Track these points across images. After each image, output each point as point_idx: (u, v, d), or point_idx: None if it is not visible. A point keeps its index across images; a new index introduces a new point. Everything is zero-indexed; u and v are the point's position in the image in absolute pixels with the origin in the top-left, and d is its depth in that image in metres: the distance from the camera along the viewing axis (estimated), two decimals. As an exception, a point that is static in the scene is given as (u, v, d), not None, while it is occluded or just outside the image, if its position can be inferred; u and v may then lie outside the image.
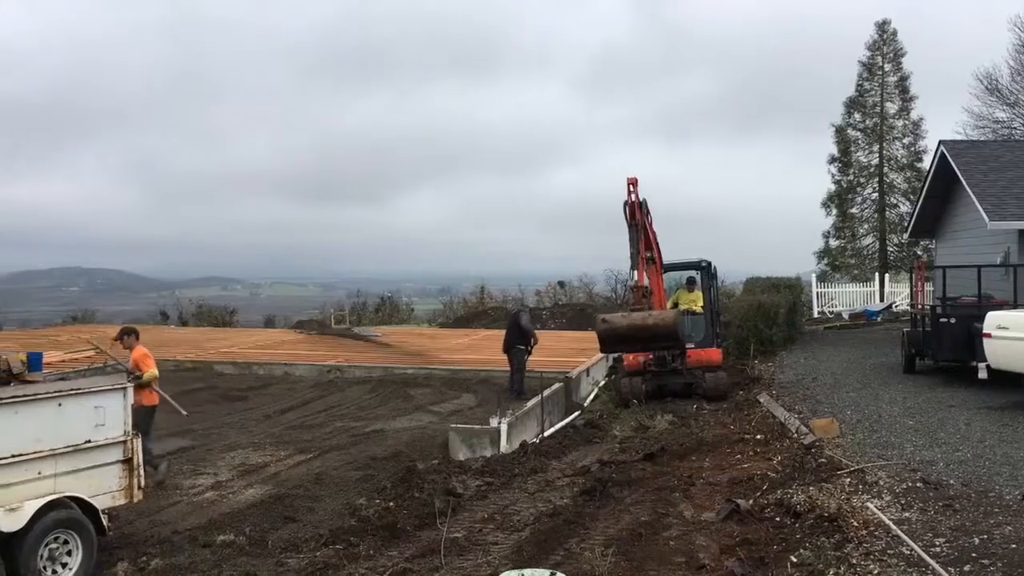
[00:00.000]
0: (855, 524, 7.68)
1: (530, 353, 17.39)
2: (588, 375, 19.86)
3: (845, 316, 32.19)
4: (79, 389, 8.19)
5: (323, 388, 18.86)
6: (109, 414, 8.26)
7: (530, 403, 15.42)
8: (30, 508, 7.37)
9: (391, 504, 9.55)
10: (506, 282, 54.03)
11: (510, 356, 17.35)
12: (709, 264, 18.25)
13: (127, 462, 8.42)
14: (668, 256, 17.13)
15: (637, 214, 15.36)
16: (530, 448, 12.69)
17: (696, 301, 18.43)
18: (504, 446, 13.29)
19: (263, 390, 18.73)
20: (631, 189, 15.39)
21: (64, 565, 7.65)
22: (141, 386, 10.67)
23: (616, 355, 19.29)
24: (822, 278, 37.03)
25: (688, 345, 16.79)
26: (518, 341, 17.33)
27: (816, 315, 33.75)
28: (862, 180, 39.28)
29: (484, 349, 23.97)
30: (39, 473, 7.65)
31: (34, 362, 17.48)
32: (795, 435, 12.01)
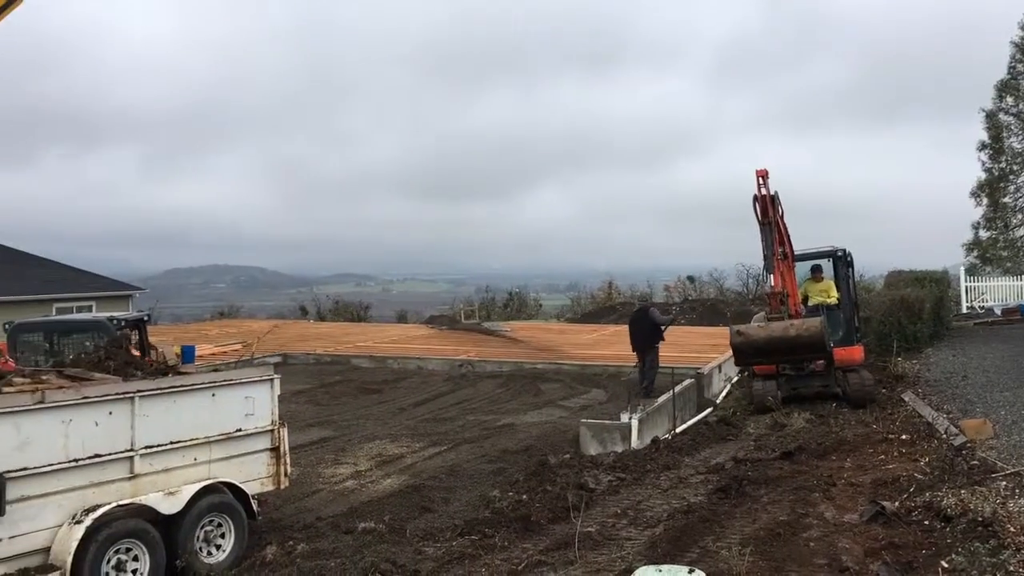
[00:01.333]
0: (1012, 530, 7.27)
1: (662, 338, 17.05)
2: (720, 371, 19.48)
3: (997, 312, 30.39)
4: (231, 380, 8.63)
5: (455, 382, 19.20)
6: (258, 404, 8.68)
7: (661, 399, 15.25)
8: (188, 492, 7.83)
9: (524, 497, 9.64)
10: (634, 277, 53.61)
11: (642, 354, 17.11)
12: (845, 252, 16.61)
13: (274, 450, 8.82)
14: (798, 249, 15.69)
15: (769, 210, 14.39)
16: (662, 444, 12.57)
17: (827, 292, 16.54)
18: (635, 442, 13.20)
19: (397, 383, 19.23)
20: (761, 182, 14.44)
21: (218, 547, 8.09)
22: None
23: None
24: (971, 271, 35.06)
25: None
26: (651, 338, 17.01)
27: (965, 310, 32.01)
28: (1015, 168, 36.93)
29: (613, 344, 23.86)
30: (195, 459, 8.11)
31: (187, 355, 18.61)
32: (944, 436, 11.44)
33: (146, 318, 13.21)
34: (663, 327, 17.16)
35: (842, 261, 16.70)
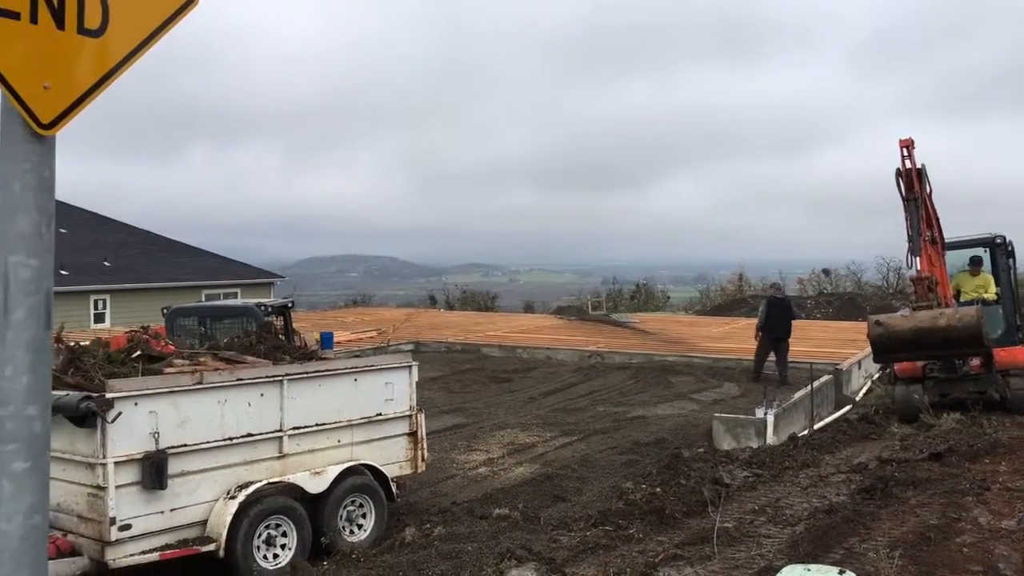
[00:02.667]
0: None
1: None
2: (860, 368, 18.76)
3: None
4: (372, 366, 8.90)
5: (584, 373, 19.20)
6: (397, 390, 8.92)
7: (797, 395, 14.82)
8: (332, 472, 8.12)
9: (657, 490, 9.55)
10: (766, 269, 52.25)
11: (776, 344, 16.76)
12: (1005, 240, 14.80)
13: (412, 435, 9.05)
14: (949, 238, 14.27)
15: (915, 184, 13.00)
16: (800, 441, 12.21)
17: (986, 287, 14.92)
18: (771, 437, 12.87)
19: (527, 373, 19.37)
20: (905, 153, 13.07)
21: (360, 527, 8.37)
22: None
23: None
24: None
25: None
26: (788, 330, 16.77)
27: None
28: None
29: (745, 338, 23.30)
30: (338, 441, 8.41)
31: (326, 341, 19.25)
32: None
33: (290, 305, 13.76)
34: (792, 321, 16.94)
35: (1002, 250, 14.91)
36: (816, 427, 13.79)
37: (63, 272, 27.64)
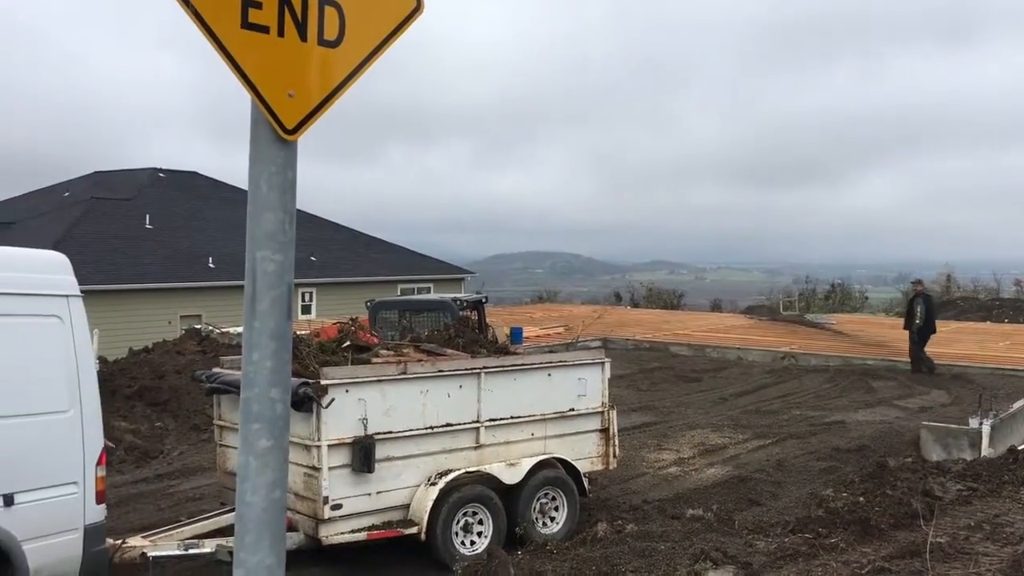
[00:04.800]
0: None
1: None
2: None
3: None
4: (565, 362, 8.99)
5: (777, 374, 18.58)
6: (590, 386, 8.96)
7: (1016, 404, 13.68)
8: (526, 464, 8.28)
9: (861, 499, 9.11)
10: (977, 270, 48.59)
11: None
12: None
13: (604, 431, 9.07)
14: None
15: None
16: (1021, 455, 11.27)
17: None
18: (986, 450, 11.95)
19: (717, 373, 18.97)
20: None
21: (552, 519, 8.49)
22: None
23: None
24: None
25: None
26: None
27: None
28: None
29: (956, 342, 21.82)
30: (532, 434, 8.56)
31: (516, 336, 19.62)
32: None
33: (484, 300, 14.12)
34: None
35: None
36: (1039, 440, 12.68)
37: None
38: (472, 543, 7.86)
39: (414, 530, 7.53)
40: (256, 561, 2.73)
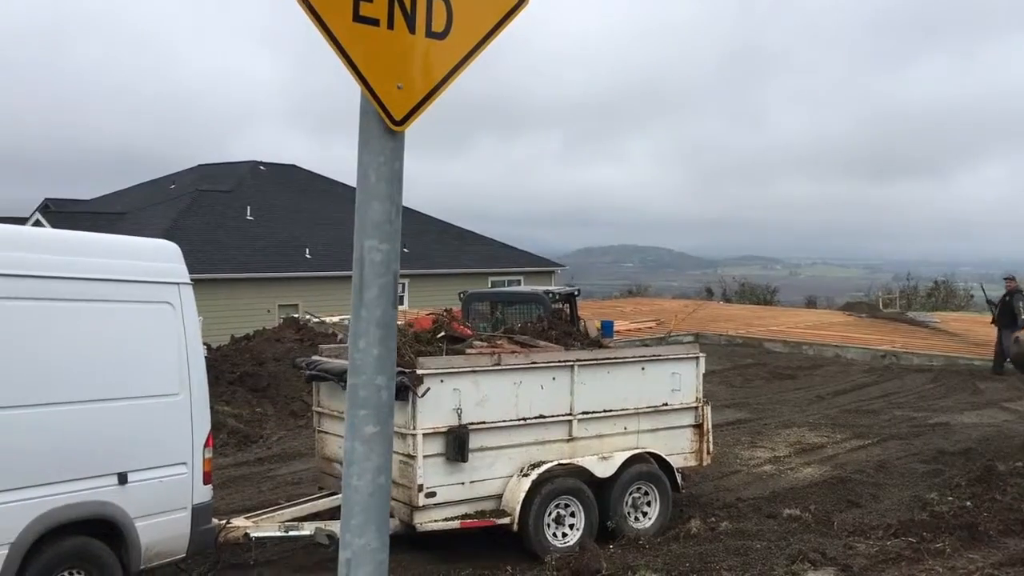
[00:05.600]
0: None
1: None
2: None
3: None
4: (659, 356, 8.91)
5: (877, 373, 18.03)
6: (684, 381, 8.85)
7: None
8: (619, 458, 8.24)
9: (968, 503, 8.77)
10: (1097, 267, 46.20)
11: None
12: None
13: (698, 427, 8.95)
14: None
15: None
16: None
17: None
18: (1104, 457, 11.36)
19: (813, 371, 18.52)
20: None
21: (644, 514, 8.42)
22: None
23: None
24: None
25: None
26: None
27: None
28: None
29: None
30: (625, 429, 8.51)
31: (607, 329, 19.54)
32: None
33: (576, 293, 14.10)
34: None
35: None
36: None
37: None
38: (564, 535, 7.87)
39: (506, 520, 7.58)
40: (362, 544, 2.78)
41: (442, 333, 8.90)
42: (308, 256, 29.82)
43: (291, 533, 7.40)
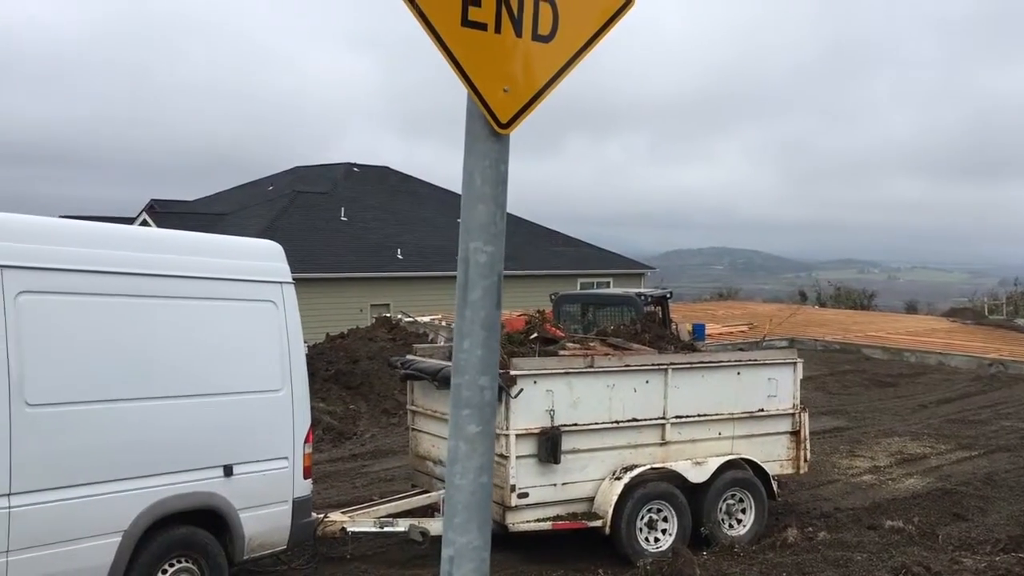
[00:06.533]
0: None
1: None
2: None
3: None
4: (756, 361, 8.74)
5: (984, 382, 17.32)
6: (781, 386, 8.66)
7: None
8: (713, 464, 8.12)
9: (1084, 521, 8.35)
10: None
11: None
12: None
13: (795, 434, 8.75)
14: None
15: None
16: None
17: None
18: None
19: (915, 378, 17.91)
20: None
21: (739, 521, 8.28)
22: None
23: None
24: None
25: None
26: None
27: None
28: None
29: None
30: (719, 434, 8.38)
31: (698, 332, 19.29)
32: None
33: (668, 296, 13.95)
34: None
35: None
36: None
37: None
38: (656, 540, 7.79)
39: (598, 523, 7.55)
40: (464, 542, 2.80)
41: (535, 334, 8.92)
42: (399, 257, 30.28)
43: (386, 529, 7.52)
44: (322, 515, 7.30)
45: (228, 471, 6.12)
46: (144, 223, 29.43)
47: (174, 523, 5.90)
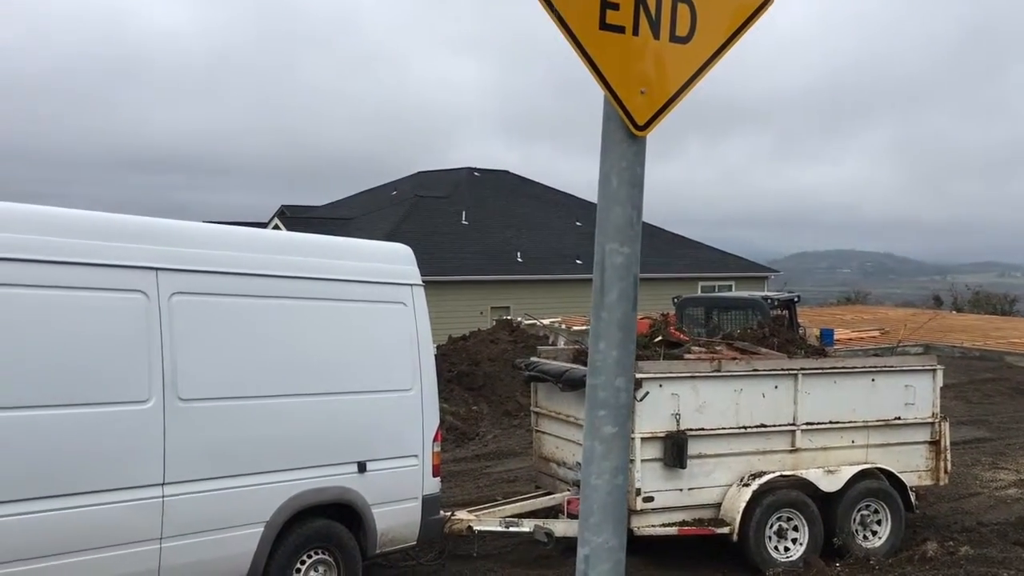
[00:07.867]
0: None
1: None
2: None
3: None
4: (891, 367, 8.42)
5: None
6: (919, 394, 8.31)
7: None
8: (846, 473, 7.86)
9: None
10: None
11: None
12: None
13: (934, 444, 8.38)
14: None
15: None
16: None
17: None
18: None
19: (1064, 388, 16.85)
20: None
21: (874, 533, 7.99)
22: None
23: None
24: None
25: None
26: None
27: None
28: None
29: None
30: (852, 442, 8.11)
31: (827, 337, 18.70)
32: None
33: (796, 299, 13.58)
34: None
35: None
36: None
37: (578, 261, 30.52)
38: (786, 550, 7.61)
39: (725, 530, 7.43)
40: (600, 542, 2.82)
41: (659, 338, 8.85)
42: (519, 260, 30.52)
43: (511, 529, 7.61)
44: (449, 513, 7.45)
45: (362, 467, 6.32)
46: (276, 228, 30.64)
47: (312, 516, 6.13)
